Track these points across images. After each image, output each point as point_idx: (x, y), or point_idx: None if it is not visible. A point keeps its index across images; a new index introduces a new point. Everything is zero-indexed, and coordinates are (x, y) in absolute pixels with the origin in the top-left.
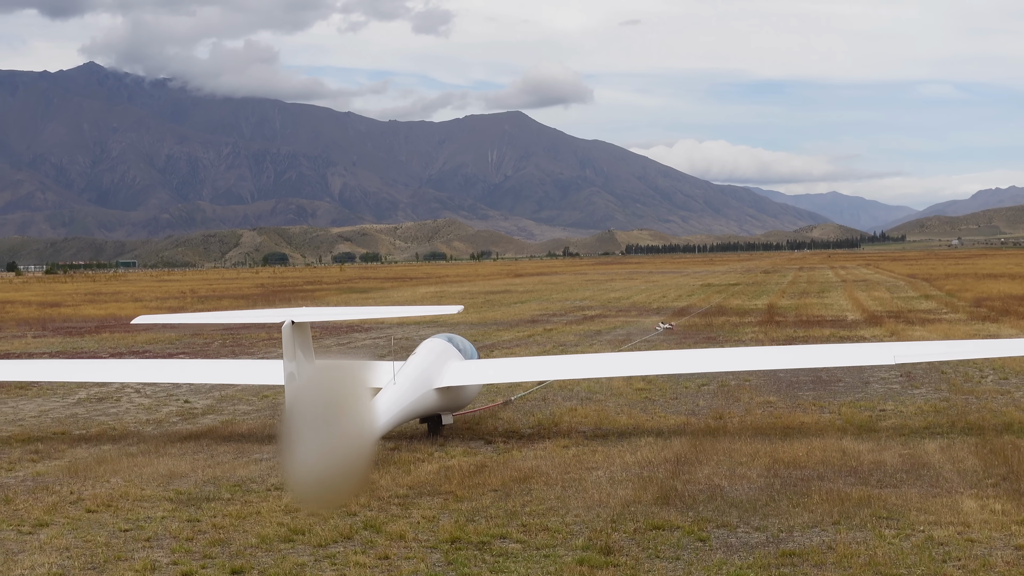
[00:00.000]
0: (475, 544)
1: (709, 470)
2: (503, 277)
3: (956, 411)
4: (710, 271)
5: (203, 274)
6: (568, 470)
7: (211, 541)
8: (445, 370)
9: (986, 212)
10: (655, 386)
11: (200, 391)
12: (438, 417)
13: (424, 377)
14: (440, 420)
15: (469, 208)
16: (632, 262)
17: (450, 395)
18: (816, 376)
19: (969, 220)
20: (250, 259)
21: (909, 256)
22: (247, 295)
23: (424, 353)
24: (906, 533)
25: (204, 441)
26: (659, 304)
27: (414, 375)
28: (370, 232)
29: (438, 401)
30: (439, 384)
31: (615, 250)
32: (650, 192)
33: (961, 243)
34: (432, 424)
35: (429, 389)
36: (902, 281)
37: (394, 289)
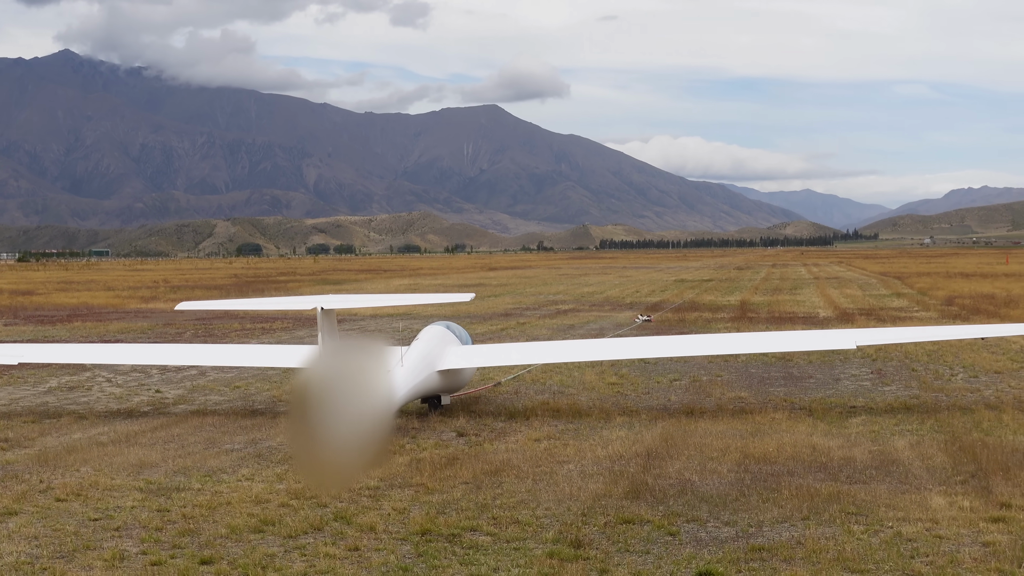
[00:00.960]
0: (445, 536)
1: (680, 465)
2: (477, 270)
3: (926, 408)
4: (684, 267)
5: (176, 264)
6: (539, 463)
7: (181, 531)
8: (445, 354)
9: (958, 211)
10: (627, 381)
11: (172, 381)
12: (438, 397)
13: (427, 360)
14: (440, 400)
15: (444, 201)
16: (606, 257)
17: (450, 377)
18: (787, 372)
19: (941, 219)
20: (224, 249)
21: (881, 254)
22: (220, 285)
23: (426, 339)
24: (875, 529)
25: (175, 431)
26: (632, 299)
27: (418, 358)
28: (344, 224)
29: (439, 383)
30: (440, 367)
31: (589, 245)
32: (625, 187)
33: (933, 242)
34: (432, 404)
35: (432, 371)
36: (874, 279)
37: (368, 281)
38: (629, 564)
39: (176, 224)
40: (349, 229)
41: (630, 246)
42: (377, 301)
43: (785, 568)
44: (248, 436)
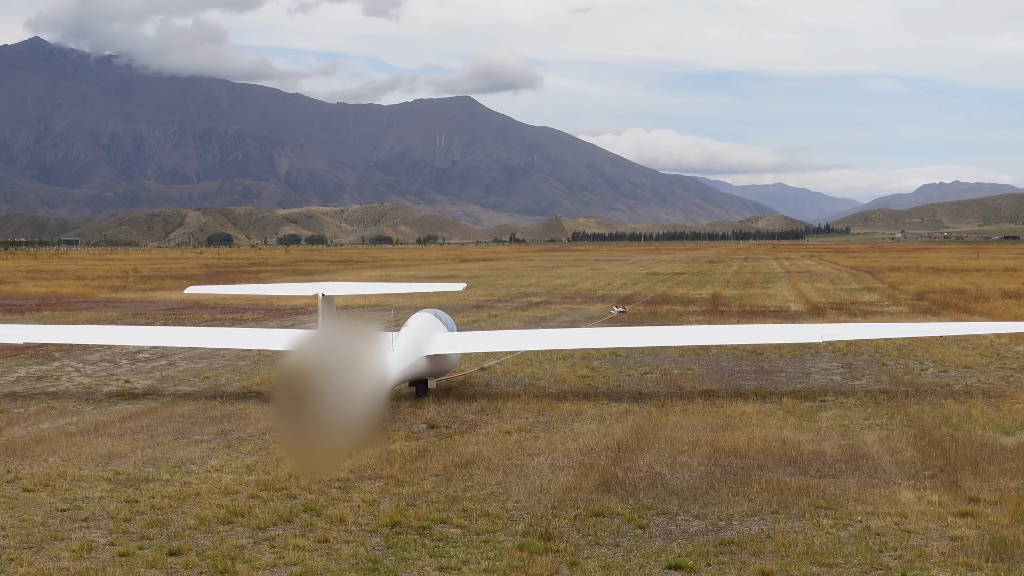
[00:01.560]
0: (415, 528)
1: (650, 458)
2: (449, 262)
3: (896, 403)
4: (656, 260)
5: (146, 253)
6: (510, 456)
7: (149, 522)
8: (433, 340)
9: (929, 206)
10: (598, 373)
11: (141, 372)
12: (425, 381)
13: (416, 345)
14: (427, 384)
15: (416, 192)
16: (578, 249)
17: (436, 362)
18: (758, 366)
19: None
20: (194, 239)
21: (853, 248)
22: (191, 275)
23: (415, 325)
24: (844, 523)
25: (144, 421)
26: (604, 292)
27: (408, 344)
28: (316, 214)
29: (427, 367)
30: (428, 352)
31: (562, 237)
32: (597, 180)
33: (904, 236)
34: (419, 387)
35: (420, 356)
36: (845, 273)
37: (339, 272)
38: (599, 557)
39: (146, 213)
40: (321, 220)
41: (602, 239)
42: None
43: (754, 561)
44: (218, 427)
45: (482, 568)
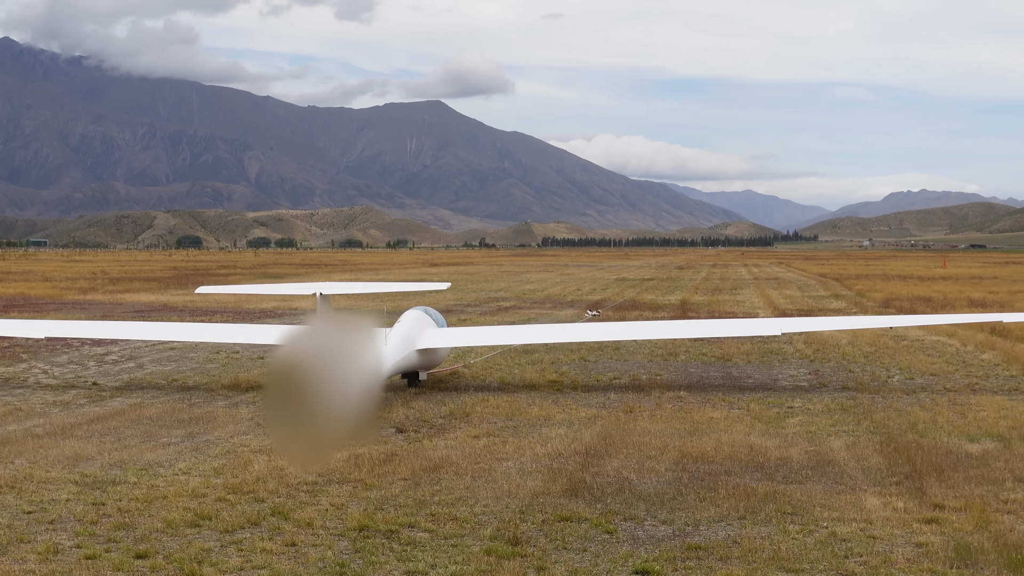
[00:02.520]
0: (383, 532)
1: (618, 463)
2: (419, 266)
3: (862, 409)
4: (625, 265)
5: (115, 255)
6: (478, 460)
7: (116, 525)
8: (424, 335)
9: (897, 214)
10: (567, 379)
11: (109, 374)
12: (416, 373)
13: (408, 340)
14: (417, 376)
15: (386, 196)
16: (548, 254)
17: (427, 355)
18: (726, 372)
19: (880, 222)
20: (163, 241)
21: (821, 256)
22: (159, 278)
23: (407, 321)
24: (810, 529)
25: (111, 424)
26: (573, 297)
27: (400, 338)
28: (286, 218)
29: (418, 360)
30: (419, 346)
31: (531, 242)
32: (568, 185)
33: (872, 244)
34: (411, 379)
35: (412, 350)
36: (813, 280)
37: (309, 276)
38: (566, 562)
39: (115, 215)
40: (290, 223)
41: (572, 244)
42: (370, 288)
43: (721, 567)
44: (185, 430)
45: (450, 572)
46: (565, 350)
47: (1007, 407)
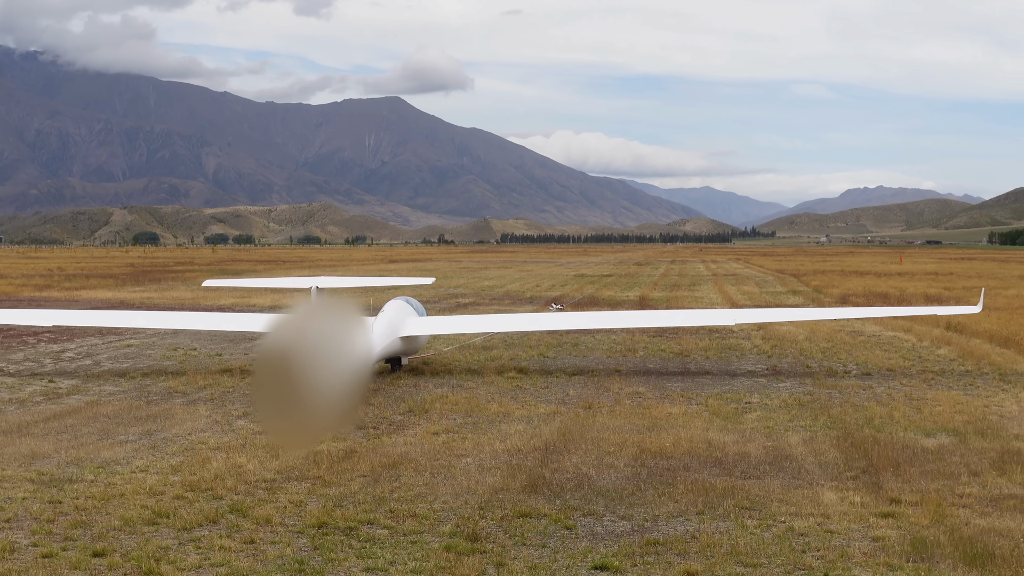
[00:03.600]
0: (342, 529)
1: (577, 459)
2: (377, 263)
3: (819, 405)
4: (584, 262)
5: (72, 252)
6: (437, 457)
7: (73, 523)
8: (406, 323)
9: (854, 211)
10: (526, 375)
11: (66, 372)
12: (399, 359)
13: (392, 328)
14: (400, 361)
15: (345, 193)
16: (507, 251)
17: (409, 342)
18: (685, 368)
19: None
20: (120, 238)
21: (778, 252)
22: (116, 274)
23: (391, 310)
24: (768, 524)
25: (68, 421)
26: (532, 293)
27: (385, 326)
28: (244, 214)
29: (401, 346)
30: (402, 333)
31: (490, 238)
32: (527, 182)
33: (829, 240)
34: (394, 364)
35: (396, 337)
36: (771, 276)
37: (267, 272)
38: (525, 557)
39: (72, 211)
40: (248, 219)
41: (531, 240)
42: (360, 282)
43: (680, 562)
44: (143, 427)
45: (409, 569)
46: (524, 346)
47: (963, 402)
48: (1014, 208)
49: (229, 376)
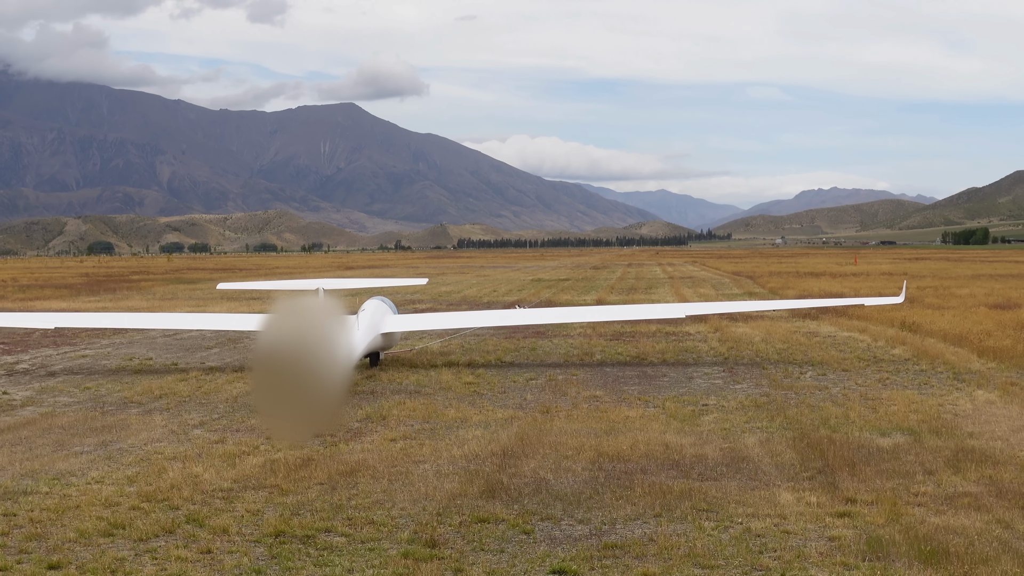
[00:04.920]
0: (299, 538)
1: (535, 463)
2: (334, 270)
3: (775, 406)
4: (541, 266)
5: (25, 262)
6: (395, 463)
7: (27, 536)
8: (384, 321)
9: (808, 212)
10: (484, 380)
11: (20, 383)
12: (377, 354)
13: (373, 325)
14: (378, 356)
15: (300, 200)
16: (464, 256)
17: (387, 338)
18: (642, 372)
19: (792, 220)
20: (75, 248)
21: (734, 254)
22: (71, 284)
23: (371, 309)
24: (725, 525)
25: (22, 433)
26: (490, 298)
27: (367, 323)
28: (199, 222)
29: (381, 342)
30: (382, 330)
31: (447, 244)
32: (482, 187)
33: (784, 242)
34: (373, 359)
35: (377, 333)
36: (727, 279)
37: (223, 278)
38: (484, 563)
39: (25, 222)
40: (204, 227)
41: (488, 245)
42: (363, 284)
43: (638, 565)
44: (98, 438)
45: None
46: (481, 351)
47: (917, 401)
48: (967, 208)
49: (184, 384)
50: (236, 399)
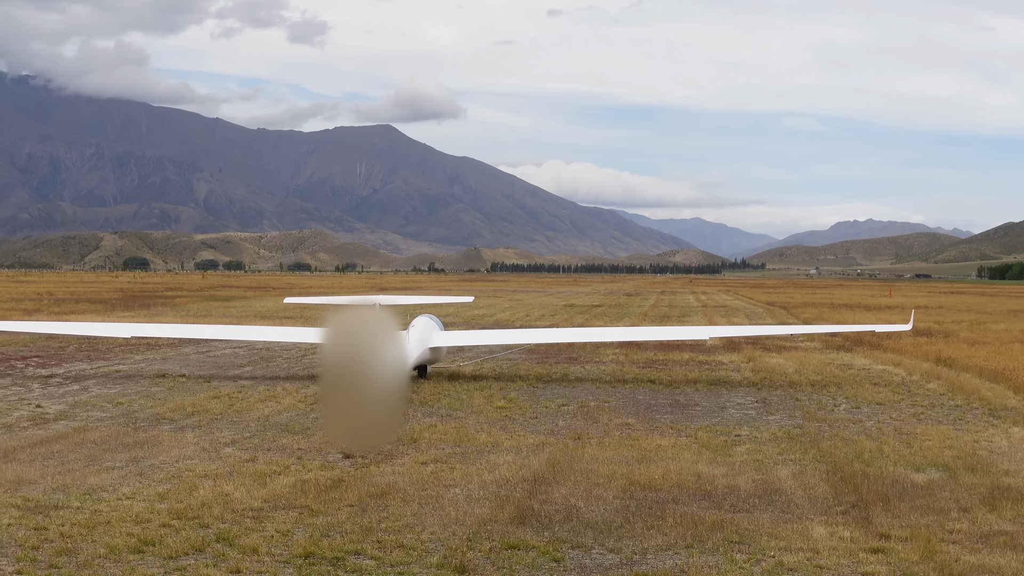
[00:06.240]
0: (329, 560)
1: (566, 490)
2: (367, 290)
3: (809, 438)
4: (574, 291)
5: (61, 276)
6: (425, 487)
7: (58, 550)
8: (432, 336)
9: (843, 243)
10: (515, 405)
11: (53, 396)
12: (424, 367)
13: (422, 339)
14: (426, 369)
15: (336, 220)
16: (497, 280)
17: (435, 353)
18: (674, 400)
19: (827, 250)
20: (110, 263)
21: (768, 284)
22: (105, 299)
23: (420, 325)
24: (757, 558)
25: (55, 447)
26: (522, 323)
27: (417, 338)
28: (234, 240)
29: (429, 356)
30: (430, 344)
31: (480, 267)
32: (517, 211)
33: (819, 272)
34: (421, 372)
35: (425, 348)
36: (761, 308)
37: (256, 299)
38: None
39: (62, 236)
40: (239, 245)
41: (521, 269)
42: (419, 300)
43: None
44: (130, 454)
45: None
46: (514, 376)
47: (952, 437)
48: (1003, 242)
49: (217, 402)
50: (268, 418)
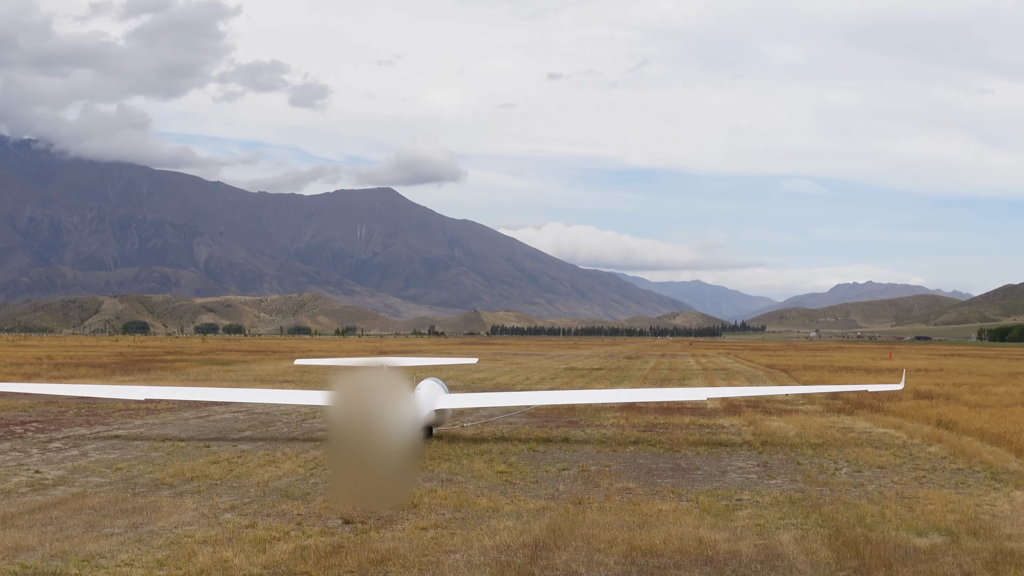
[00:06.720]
0: None
1: (567, 556)
2: (367, 353)
3: (810, 502)
4: (574, 355)
5: (61, 340)
6: (426, 553)
7: None
8: (438, 398)
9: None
10: (516, 469)
11: (52, 462)
12: (431, 429)
13: (429, 401)
14: (432, 430)
15: (336, 283)
16: (497, 343)
17: (440, 415)
18: (675, 464)
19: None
20: (110, 327)
21: (768, 346)
22: (105, 363)
23: (426, 387)
24: None
25: (53, 513)
26: (522, 386)
27: (424, 400)
28: (235, 303)
29: (435, 418)
30: (436, 407)
31: (481, 330)
32: (517, 274)
33: (819, 335)
34: (428, 433)
35: (431, 409)
36: (761, 371)
37: (256, 363)
38: None
39: (62, 300)
40: (239, 309)
41: (521, 332)
42: (420, 362)
43: None
44: (129, 520)
45: None
46: (514, 440)
47: (954, 501)
48: (1003, 304)
49: (216, 467)
50: (267, 483)
